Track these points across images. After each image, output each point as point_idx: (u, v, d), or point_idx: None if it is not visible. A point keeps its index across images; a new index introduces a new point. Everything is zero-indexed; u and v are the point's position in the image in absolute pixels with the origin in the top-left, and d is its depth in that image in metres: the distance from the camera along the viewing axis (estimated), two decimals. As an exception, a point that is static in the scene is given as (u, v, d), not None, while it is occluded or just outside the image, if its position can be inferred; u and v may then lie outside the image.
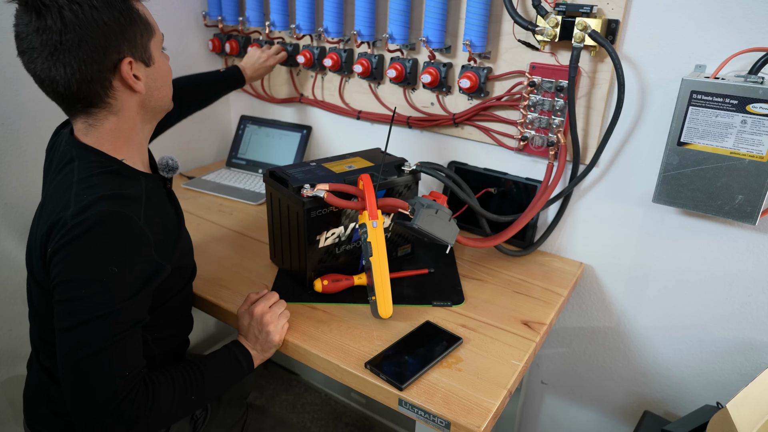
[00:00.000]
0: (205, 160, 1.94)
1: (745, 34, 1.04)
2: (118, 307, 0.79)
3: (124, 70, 0.84)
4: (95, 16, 0.79)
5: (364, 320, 1.09)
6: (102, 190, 0.82)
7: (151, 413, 0.82)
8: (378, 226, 1.06)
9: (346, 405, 2.03)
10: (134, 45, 0.84)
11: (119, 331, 0.79)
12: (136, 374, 0.81)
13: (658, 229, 1.25)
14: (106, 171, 0.86)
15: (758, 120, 0.98)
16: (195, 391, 0.90)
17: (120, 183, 0.85)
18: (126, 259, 0.80)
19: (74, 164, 0.86)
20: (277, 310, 1.04)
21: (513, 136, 1.35)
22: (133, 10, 0.84)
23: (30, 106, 1.38)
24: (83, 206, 0.79)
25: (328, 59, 1.52)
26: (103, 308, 0.77)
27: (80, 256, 0.78)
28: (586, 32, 1.11)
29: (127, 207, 0.82)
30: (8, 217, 1.40)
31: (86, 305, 0.77)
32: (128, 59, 0.84)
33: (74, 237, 0.78)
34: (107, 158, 0.88)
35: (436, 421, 0.88)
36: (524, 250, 1.36)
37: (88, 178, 0.84)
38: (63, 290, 0.78)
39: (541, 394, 1.61)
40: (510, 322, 1.11)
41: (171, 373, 0.89)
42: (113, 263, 0.78)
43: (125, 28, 0.82)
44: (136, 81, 0.86)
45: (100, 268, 0.78)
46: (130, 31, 0.83)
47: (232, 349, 1.00)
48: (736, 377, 1.27)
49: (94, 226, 0.78)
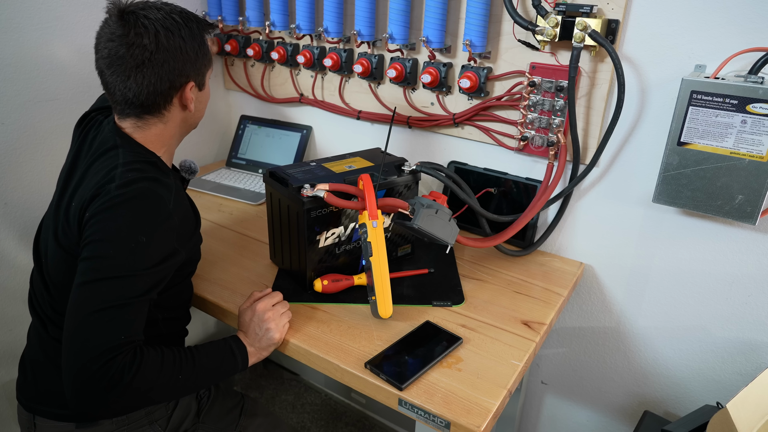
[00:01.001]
0: (205, 160, 1.94)
1: (745, 34, 1.04)
2: (137, 274, 0.86)
3: (187, 92, 0.98)
4: (181, 45, 0.94)
5: (364, 320, 1.09)
6: (144, 173, 0.93)
7: (134, 380, 0.83)
8: (378, 226, 1.06)
9: (346, 405, 2.03)
10: (198, 73, 1.00)
11: (131, 296, 0.85)
12: (131, 341, 0.84)
13: (658, 229, 1.25)
14: (147, 161, 0.97)
15: (758, 120, 0.98)
16: (183, 371, 0.91)
17: (158, 172, 0.96)
18: (154, 233, 0.89)
19: (119, 151, 0.96)
20: (280, 309, 1.05)
21: (513, 136, 1.35)
22: (205, 45, 1.00)
23: (30, 106, 1.38)
24: (127, 181, 0.90)
25: (328, 59, 1.52)
26: (123, 270, 0.85)
27: (116, 220, 0.87)
28: (586, 32, 1.11)
29: (163, 191, 0.93)
30: (8, 217, 1.40)
31: (110, 264, 0.84)
32: (192, 84, 0.99)
33: (115, 204, 0.87)
34: (148, 152, 1.00)
35: (436, 421, 0.88)
36: (524, 250, 1.36)
37: (133, 163, 0.94)
38: (92, 248, 0.86)
39: (541, 394, 1.61)
40: (510, 322, 1.11)
41: (162, 350, 0.90)
42: (143, 233, 0.87)
43: (197, 58, 0.98)
44: (191, 101, 1.00)
45: (130, 234, 0.86)
46: (199, 62, 0.99)
47: (228, 342, 1.01)
48: (736, 377, 1.27)
49: (134, 198, 0.89)
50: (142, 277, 0.87)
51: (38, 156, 1.42)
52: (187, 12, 0.99)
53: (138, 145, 1.00)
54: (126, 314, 0.84)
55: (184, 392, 0.95)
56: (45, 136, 1.42)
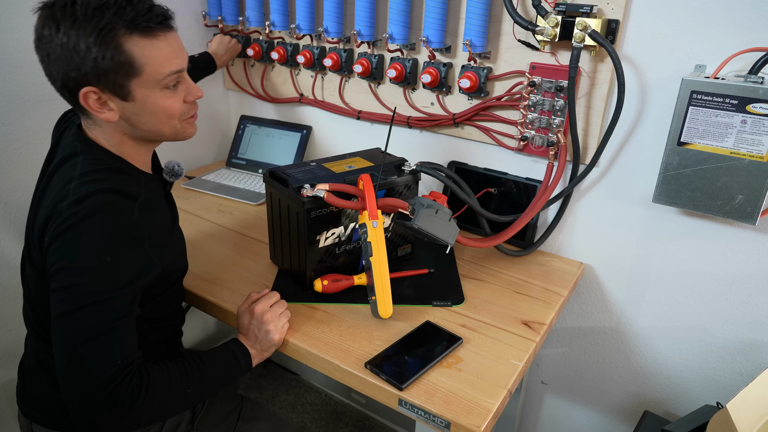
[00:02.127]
0: (205, 160, 1.94)
1: (745, 34, 1.04)
2: (112, 296, 0.81)
3: (82, 97, 0.85)
4: (63, 41, 0.81)
5: (364, 320, 1.09)
6: (100, 185, 0.85)
7: (145, 402, 0.82)
8: (378, 226, 1.06)
9: (346, 405, 2.03)
10: (102, 78, 0.83)
11: (113, 318, 0.81)
12: (130, 363, 0.82)
13: (658, 229, 1.25)
14: (108, 168, 0.89)
15: (758, 120, 0.98)
16: (191, 384, 0.90)
17: (120, 180, 0.89)
18: (119, 249, 0.83)
19: (78, 159, 0.89)
20: (278, 310, 1.04)
21: (513, 136, 1.35)
22: (115, 46, 0.81)
23: (30, 107, 1.38)
24: (79, 197, 0.83)
25: (328, 59, 1.52)
26: (97, 296, 0.80)
27: (75, 245, 0.81)
28: (586, 32, 1.11)
29: (121, 201, 0.85)
30: (8, 217, 1.40)
31: (80, 292, 0.80)
32: (92, 89, 0.84)
33: (69, 226, 0.81)
34: (111, 156, 0.92)
35: (436, 421, 0.88)
36: (524, 250, 1.36)
37: (89, 173, 0.87)
38: (59, 278, 0.81)
39: (541, 394, 1.61)
40: (510, 322, 1.11)
41: (167, 365, 0.89)
42: (106, 252, 0.81)
43: (95, 60, 0.81)
44: (102, 109, 0.87)
45: (93, 256, 0.81)
46: (100, 65, 0.82)
47: (230, 347, 1.00)
48: (736, 377, 1.27)
49: (89, 216, 0.81)
50: (118, 298, 0.82)
51: (38, 156, 1.42)
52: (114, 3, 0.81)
53: (100, 150, 0.92)
54: (114, 339, 0.81)
55: (194, 403, 0.94)
56: (45, 136, 1.41)
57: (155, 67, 0.86)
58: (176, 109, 0.92)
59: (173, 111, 0.92)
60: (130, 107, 0.88)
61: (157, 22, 0.84)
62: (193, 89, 0.95)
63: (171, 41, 0.87)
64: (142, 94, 0.87)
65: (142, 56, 0.84)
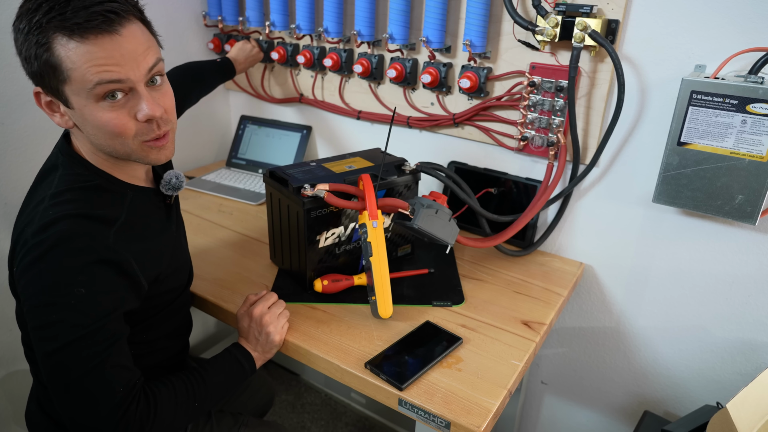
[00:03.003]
0: (205, 160, 1.94)
1: (745, 34, 1.04)
2: (95, 327, 0.76)
3: (35, 98, 0.81)
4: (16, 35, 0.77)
5: (364, 320, 1.09)
6: (69, 208, 0.79)
7: (154, 424, 0.81)
8: (378, 226, 1.06)
9: (346, 405, 2.03)
10: (41, 80, 0.78)
11: (102, 348, 0.77)
12: (132, 386, 0.80)
13: (658, 229, 1.25)
14: (84, 186, 0.83)
15: (758, 120, 0.98)
16: (198, 397, 0.90)
17: (96, 201, 0.83)
18: (94, 278, 0.77)
19: (56, 174, 0.84)
20: (276, 311, 1.04)
21: (513, 136, 1.35)
22: (46, 46, 0.74)
23: (30, 106, 1.38)
24: (44, 224, 0.77)
25: (328, 59, 1.52)
26: (79, 330, 0.75)
27: (44, 279, 0.75)
28: (586, 32, 1.11)
29: (92, 227, 0.79)
30: (8, 217, 1.40)
31: (61, 329, 0.75)
32: (37, 89, 0.80)
33: (35, 258, 0.75)
34: (91, 170, 0.85)
35: (436, 421, 0.88)
36: (524, 250, 1.36)
37: (62, 193, 0.81)
38: (34, 316, 0.76)
39: (541, 394, 1.61)
40: (510, 322, 1.11)
41: (172, 381, 0.88)
42: (79, 284, 0.75)
43: (33, 60, 0.76)
44: (52, 113, 0.82)
45: (66, 290, 0.75)
46: (37, 65, 0.76)
47: (233, 352, 1.00)
48: (736, 377, 1.27)
49: (54, 246, 0.75)
50: (104, 327, 0.77)
51: (38, 156, 1.42)
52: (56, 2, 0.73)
53: (81, 163, 0.85)
54: (109, 368, 0.77)
55: (202, 413, 0.93)
56: (45, 135, 1.42)
57: (81, 74, 0.75)
58: (121, 127, 0.79)
59: (118, 129, 0.79)
60: (74, 115, 0.80)
61: (92, 22, 0.73)
62: (144, 107, 0.79)
63: (107, 45, 0.74)
64: (78, 103, 0.78)
65: (68, 60, 0.74)
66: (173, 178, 0.96)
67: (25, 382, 1.49)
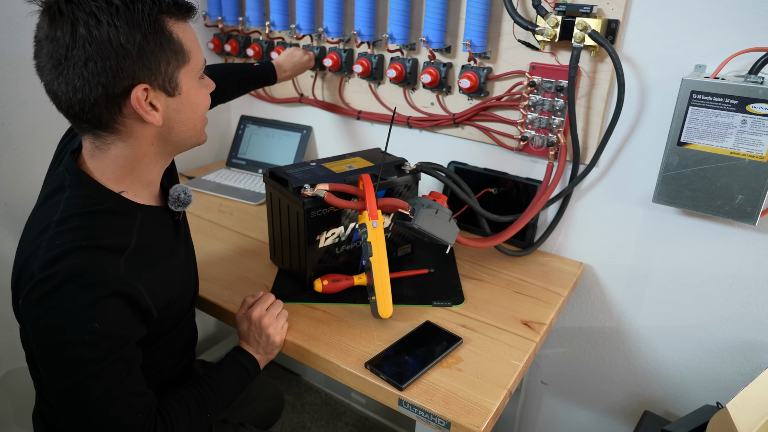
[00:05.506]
0: (205, 160, 1.94)
1: (745, 34, 1.04)
2: (110, 360, 0.74)
3: (135, 98, 0.74)
4: (112, 35, 0.70)
5: (364, 320, 1.09)
6: (77, 237, 0.74)
7: None
8: (378, 226, 1.06)
9: (346, 405, 2.03)
10: (155, 72, 0.74)
11: (117, 381, 0.75)
12: (149, 410, 0.79)
13: (658, 229, 1.25)
14: (93, 211, 0.78)
15: (758, 120, 0.98)
16: (209, 409, 0.90)
17: (105, 226, 0.78)
18: (107, 312, 0.73)
19: (63, 195, 0.79)
20: (275, 311, 1.04)
21: (513, 136, 1.35)
22: (165, 33, 0.74)
23: (30, 106, 1.38)
24: (52, 257, 0.72)
25: (328, 59, 1.52)
26: (93, 366, 0.73)
27: (55, 317, 0.71)
28: (586, 32, 1.11)
29: (103, 258, 0.75)
30: (8, 217, 1.40)
31: (76, 366, 0.72)
32: (143, 86, 0.74)
33: (44, 294, 0.71)
34: (102, 192, 0.80)
35: (436, 421, 0.88)
36: (524, 250, 1.36)
37: (69, 219, 0.76)
38: (46, 353, 0.73)
39: (541, 394, 1.61)
40: (510, 322, 1.11)
41: (183, 397, 0.88)
42: (92, 319, 0.72)
43: (146, 52, 0.73)
44: (150, 111, 0.77)
45: (79, 326, 0.71)
46: (152, 57, 0.73)
47: (236, 358, 1.00)
48: (736, 377, 1.27)
49: (65, 282, 0.71)
50: (117, 360, 0.74)
51: (38, 156, 1.42)
52: None
53: (89, 183, 0.80)
54: (126, 397, 0.76)
55: (212, 423, 0.94)
56: (45, 135, 1.42)
57: (198, 54, 0.80)
58: (208, 103, 0.86)
59: (207, 104, 0.85)
60: (174, 104, 0.79)
61: (188, 7, 0.78)
62: (210, 81, 0.87)
63: None
64: (188, 86, 0.80)
65: (188, 42, 0.78)
66: (181, 193, 0.91)
67: (25, 382, 1.49)
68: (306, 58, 1.51)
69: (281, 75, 1.45)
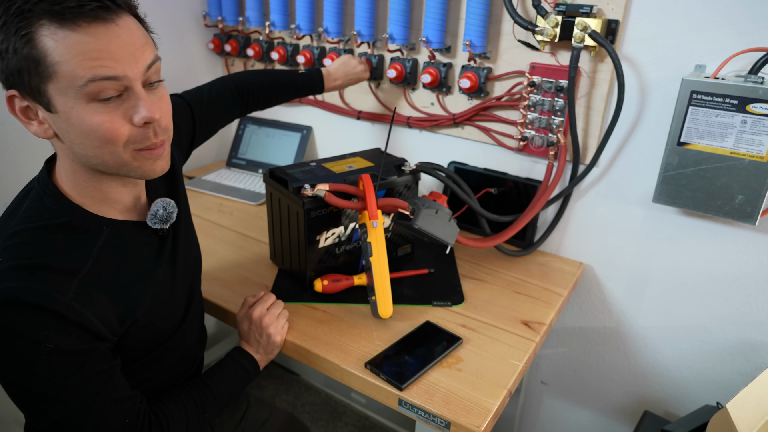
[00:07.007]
0: (205, 160, 1.94)
1: (745, 34, 1.04)
2: (78, 376, 0.70)
3: (7, 103, 0.69)
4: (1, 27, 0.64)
5: (364, 320, 1.09)
6: (22, 254, 0.69)
7: None
8: (378, 226, 1.06)
9: (346, 405, 2.03)
10: (18, 80, 0.66)
11: (94, 393, 0.72)
12: (137, 412, 0.78)
13: (658, 229, 1.25)
14: (48, 225, 0.72)
15: (758, 120, 0.98)
16: (207, 409, 0.90)
17: (59, 245, 0.72)
18: (55, 333, 0.68)
19: (24, 204, 0.75)
20: (275, 311, 1.04)
21: (513, 136, 1.35)
22: (25, 38, 0.63)
23: (30, 106, 1.38)
24: None
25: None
26: (60, 383, 0.69)
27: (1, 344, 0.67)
28: (586, 32, 1.11)
29: (46, 282, 0.68)
30: (8, 217, 1.40)
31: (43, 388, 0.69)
32: (12, 92, 0.68)
33: None
34: (63, 205, 0.75)
35: (436, 421, 0.88)
36: (524, 250, 1.36)
37: (21, 232, 0.71)
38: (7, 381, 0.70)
39: (541, 394, 1.61)
40: (510, 322, 1.11)
41: (180, 397, 0.88)
42: (44, 340, 0.67)
43: (5, 55, 0.65)
44: (28, 120, 0.70)
45: (31, 349, 0.66)
46: (12, 62, 0.65)
47: (236, 358, 1.00)
48: (736, 377, 1.27)
49: (3, 306, 0.66)
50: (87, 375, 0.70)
51: (39, 156, 1.42)
52: None
53: (53, 194, 0.74)
54: (109, 404, 0.73)
55: (212, 421, 0.93)
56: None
57: (71, 69, 0.64)
58: (113, 132, 0.69)
59: (110, 134, 0.68)
60: (57, 121, 0.68)
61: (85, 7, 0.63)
62: (142, 108, 0.69)
63: (102, 36, 0.65)
64: (64, 104, 0.66)
65: (55, 52, 0.63)
66: (160, 209, 0.82)
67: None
68: (361, 68, 1.40)
69: (330, 84, 1.34)
